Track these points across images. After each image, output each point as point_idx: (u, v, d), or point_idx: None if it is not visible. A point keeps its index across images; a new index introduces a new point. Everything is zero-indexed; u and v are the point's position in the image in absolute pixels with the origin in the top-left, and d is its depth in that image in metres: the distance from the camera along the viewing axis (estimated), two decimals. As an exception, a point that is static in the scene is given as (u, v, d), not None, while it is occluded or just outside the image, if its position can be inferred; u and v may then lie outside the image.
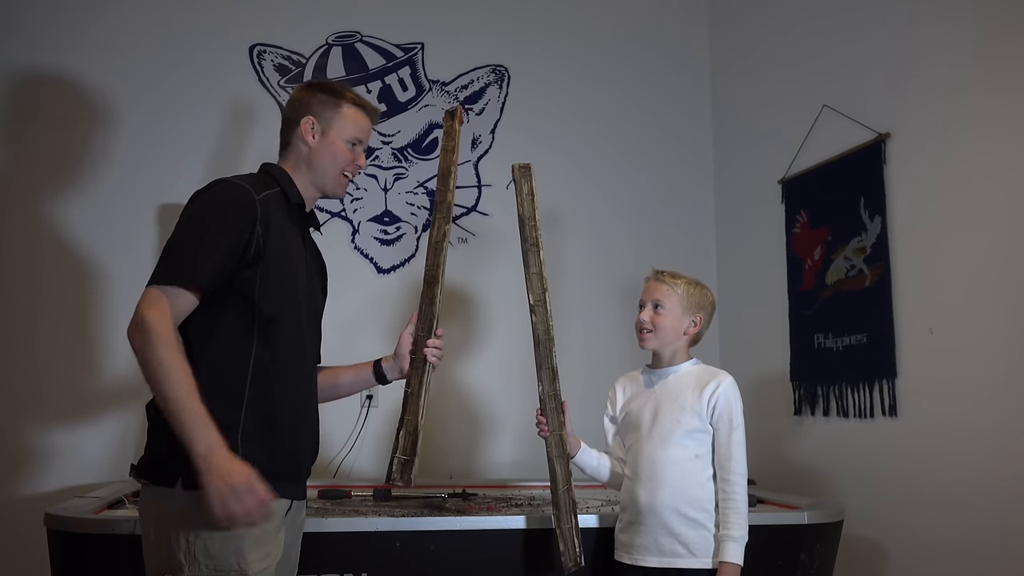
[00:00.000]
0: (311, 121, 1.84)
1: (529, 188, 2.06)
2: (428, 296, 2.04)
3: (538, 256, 2.03)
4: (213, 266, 1.61)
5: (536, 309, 2.03)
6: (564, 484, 2.04)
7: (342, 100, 1.86)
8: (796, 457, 3.07)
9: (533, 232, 2.03)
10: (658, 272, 2.14)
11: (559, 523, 2.03)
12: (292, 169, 1.86)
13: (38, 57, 3.14)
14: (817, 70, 3.07)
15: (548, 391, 2.05)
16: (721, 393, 2.02)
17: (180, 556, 1.57)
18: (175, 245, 1.65)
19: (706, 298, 2.12)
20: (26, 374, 3.00)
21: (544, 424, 2.06)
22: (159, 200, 3.17)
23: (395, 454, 1.99)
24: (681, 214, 3.66)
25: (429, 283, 2.05)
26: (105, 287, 3.09)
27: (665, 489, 1.99)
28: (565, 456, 2.06)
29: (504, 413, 3.34)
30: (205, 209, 1.69)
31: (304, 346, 1.80)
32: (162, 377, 1.53)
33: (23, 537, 2.67)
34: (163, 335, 1.55)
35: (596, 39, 3.64)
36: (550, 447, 2.06)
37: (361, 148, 1.90)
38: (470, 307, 3.38)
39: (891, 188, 2.70)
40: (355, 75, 3.41)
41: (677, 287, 2.08)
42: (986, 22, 2.40)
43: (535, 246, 2.03)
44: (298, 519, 1.83)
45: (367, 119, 1.90)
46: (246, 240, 1.66)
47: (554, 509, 2.05)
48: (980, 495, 2.34)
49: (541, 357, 2.04)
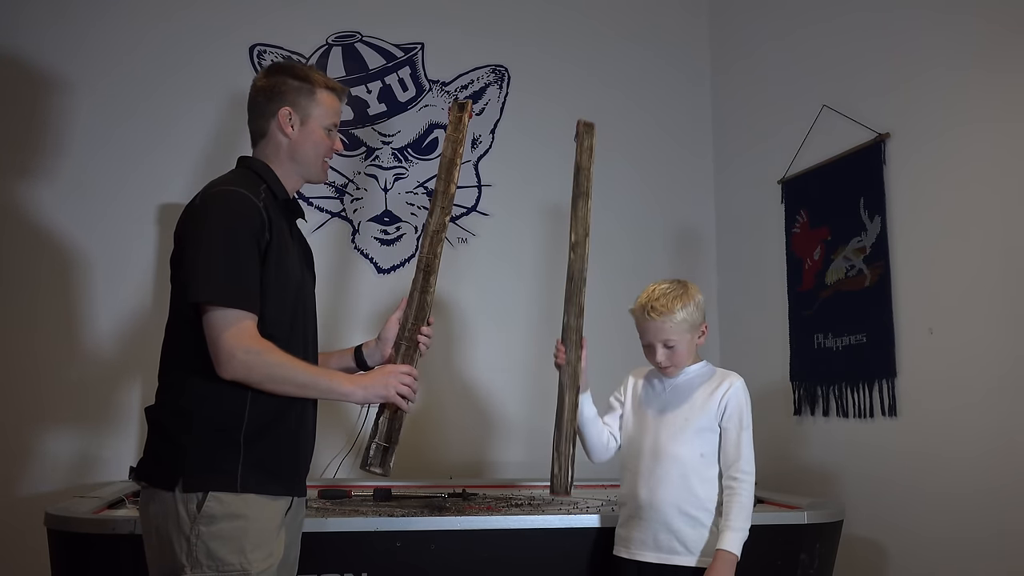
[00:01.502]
0: (288, 112, 1.82)
1: (590, 144, 2.20)
2: (423, 285, 2.02)
3: (587, 204, 2.16)
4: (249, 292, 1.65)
5: (576, 248, 2.14)
6: (570, 413, 2.08)
7: (315, 86, 1.84)
8: (796, 457, 3.07)
9: (586, 182, 2.17)
10: (647, 311, 2.03)
11: (557, 446, 2.07)
12: (272, 161, 1.84)
13: (38, 57, 3.14)
14: (817, 70, 3.07)
15: (572, 325, 2.10)
16: (732, 394, 2.03)
17: (183, 557, 1.58)
18: (215, 263, 1.63)
19: (700, 305, 2.08)
20: (26, 374, 3.00)
21: (563, 353, 2.08)
22: (159, 200, 3.17)
23: (373, 439, 1.89)
24: (681, 214, 3.66)
25: (425, 272, 2.04)
26: (105, 287, 3.09)
27: (667, 486, 1.99)
28: (575, 388, 2.09)
29: (504, 413, 3.34)
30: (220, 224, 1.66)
31: (306, 345, 1.81)
32: (286, 379, 1.66)
33: (23, 537, 2.67)
34: (252, 348, 1.62)
35: (596, 39, 3.64)
36: (563, 376, 2.09)
37: (336, 131, 1.90)
38: (470, 307, 3.38)
39: (891, 188, 2.70)
40: (355, 75, 3.41)
41: (675, 315, 2.01)
42: (986, 23, 2.40)
43: (586, 194, 2.17)
44: (297, 519, 1.83)
45: (339, 101, 1.90)
46: (264, 251, 1.69)
47: (556, 432, 2.08)
48: (979, 494, 2.34)
49: (572, 292, 2.12)
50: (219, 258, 1.63)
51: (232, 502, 1.60)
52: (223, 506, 1.59)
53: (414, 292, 2.02)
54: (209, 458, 1.62)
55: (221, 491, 1.60)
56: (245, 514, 1.61)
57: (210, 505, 1.59)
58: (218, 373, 1.61)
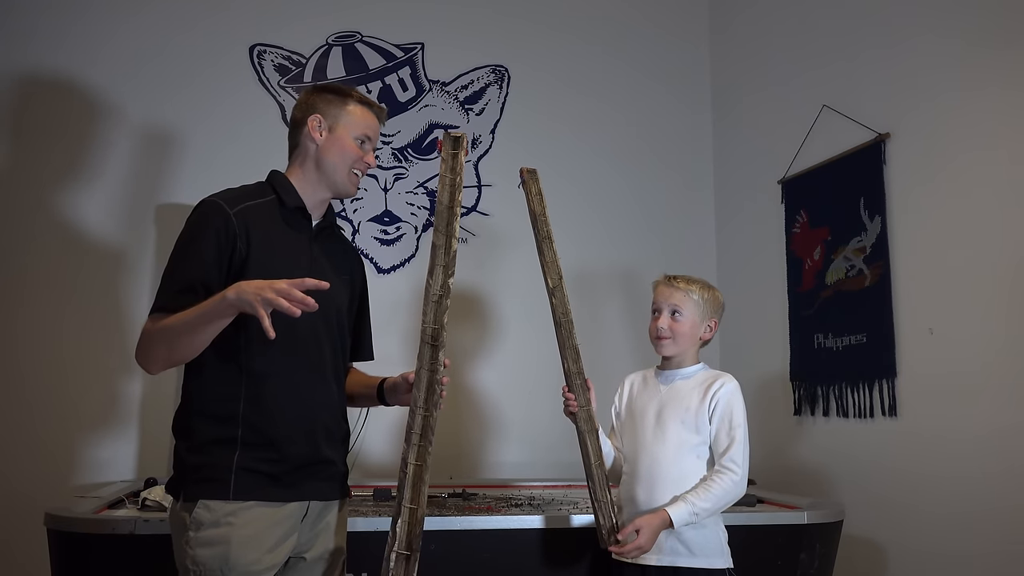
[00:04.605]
0: (318, 119, 1.84)
1: (537, 189, 2.11)
2: (431, 363, 1.74)
3: (552, 248, 2.08)
4: (180, 289, 1.67)
5: (555, 293, 2.07)
6: (596, 459, 2.04)
7: (348, 98, 1.87)
8: (796, 457, 3.07)
9: (544, 227, 2.09)
10: (671, 277, 2.12)
11: (594, 495, 2.02)
12: (299, 170, 1.86)
13: (38, 58, 3.14)
14: (817, 70, 3.08)
15: (573, 369, 2.06)
16: (723, 394, 2.02)
17: (187, 562, 1.64)
18: (164, 280, 1.72)
19: (719, 302, 2.13)
20: (26, 374, 3.00)
21: (572, 400, 2.07)
22: (158, 200, 3.17)
23: (392, 547, 1.68)
24: (681, 214, 3.66)
25: (432, 346, 1.75)
26: (105, 287, 3.09)
27: (665, 487, 1.99)
28: (595, 431, 2.06)
29: (504, 413, 3.34)
30: (182, 234, 1.75)
31: (310, 350, 1.78)
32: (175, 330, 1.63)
33: (23, 537, 2.67)
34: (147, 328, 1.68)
35: (596, 39, 3.65)
36: (579, 422, 2.06)
37: (370, 146, 1.90)
38: (469, 307, 3.38)
39: (891, 188, 2.70)
40: (355, 75, 3.41)
41: (692, 293, 2.08)
42: (986, 24, 2.40)
43: (548, 239, 2.08)
44: (324, 519, 1.80)
45: (374, 117, 1.90)
46: (228, 252, 1.69)
47: (589, 482, 2.04)
48: (979, 494, 2.34)
49: (563, 337, 2.07)
50: (168, 275, 1.71)
51: (220, 509, 1.64)
52: (211, 513, 1.64)
53: (421, 370, 1.75)
54: (204, 468, 1.67)
55: (212, 499, 1.64)
56: (231, 521, 1.63)
57: (199, 512, 1.64)
58: None
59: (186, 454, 1.69)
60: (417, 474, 1.72)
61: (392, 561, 1.68)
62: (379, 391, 1.94)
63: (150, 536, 1.99)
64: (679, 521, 1.92)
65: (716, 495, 1.95)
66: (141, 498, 2.36)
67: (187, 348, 1.66)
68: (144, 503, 2.32)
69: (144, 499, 2.34)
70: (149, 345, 1.68)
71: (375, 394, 1.95)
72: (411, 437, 1.72)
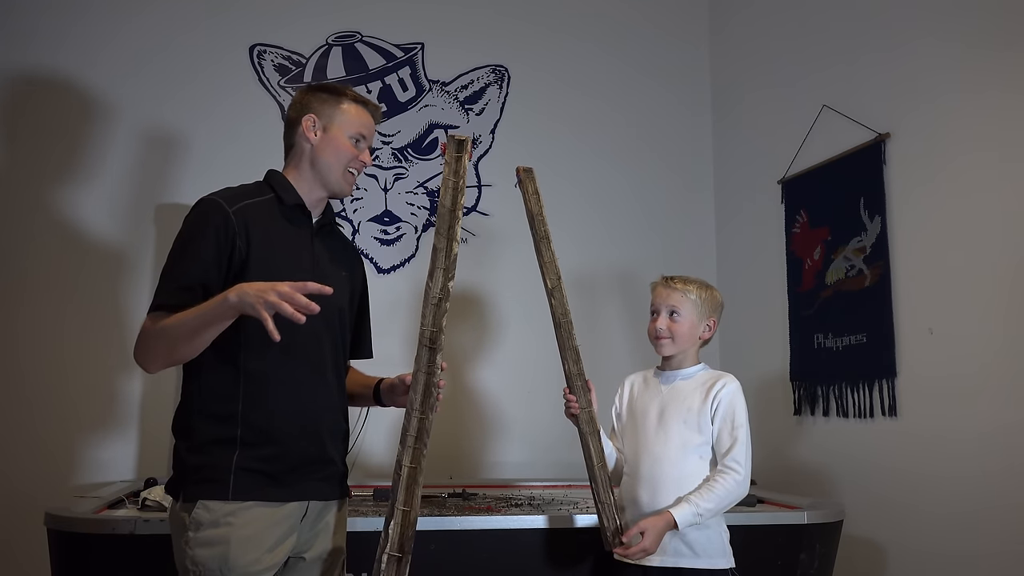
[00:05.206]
0: (312, 119, 1.84)
1: (534, 188, 2.10)
2: (428, 365, 1.73)
3: (549, 248, 2.06)
4: (178, 287, 1.67)
5: (554, 294, 2.06)
6: (599, 460, 2.04)
7: (342, 97, 1.87)
8: (796, 457, 3.07)
9: (542, 227, 2.07)
10: (668, 278, 2.13)
11: (598, 496, 2.02)
12: (295, 170, 1.86)
13: (38, 58, 3.14)
14: (817, 70, 3.08)
15: (573, 370, 2.06)
16: (724, 394, 2.03)
17: (187, 563, 1.64)
18: (163, 278, 1.71)
19: (717, 301, 2.13)
20: (26, 374, 3.00)
21: (574, 402, 2.07)
22: (158, 200, 3.17)
23: (384, 549, 1.68)
24: (681, 214, 3.66)
25: (430, 349, 1.74)
26: (105, 287, 3.09)
27: (668, 488, 1.99)
28: (597, 432, 2.06)
29: (504, 413, 3.34)
30: (180, 233, 1.74)
31: (310, 349, 1.77)
32: (168, 336, 1.63)
33: (23, 537, 2.67)
34: (146, 327, 1.67)
35: (596, 39, 3.65)
36: (581, 424, 2.06)
37: (365, 144, 1.90)
38: (469, 307, 3.38)
39: (891, 188, 2.70)
40: (355, 75, 3.41)
41: (690, 293, 2.09)
42: (986, 24, 2.40)
43: (545, 239, 2.07)
44: (324, 519, 1.80)
45: (369, 116, 1.90)
46: (228, 251, 1.69)
47: (592, 484, 2.03)
48: (979, 494, 2.34)
49: (563, 338, 2.06)
50: (167, 273, 1.70)
51: (219, 509, 1.64)
52: (210, 514, 1.64)
53: (418, 373, 1.74)
54: (203, 468, 1.67)
55: (211, 499, 1.64)
56: (230, 521, 1.63)
57: (198, 513, 1.64)
58: None
59: (186, 454, 1.69)
60: (411, 476, 1.71)
61: (384, 563, 1.69)
62: (375, 392, 1.94)
63: (150, 536, 1.99)
64: (683, 522, 1.93)
65: (719, 495, 1.95)
66: (141, 498, 2.36)
67: (187, 349, 1.65)
68: (144, 503, 2.32)
69: (144, 499, 2.33)
70: (148, 344, 1.68)
71: (371, 394, 1.95)
72: (406, 439, 1.72)
